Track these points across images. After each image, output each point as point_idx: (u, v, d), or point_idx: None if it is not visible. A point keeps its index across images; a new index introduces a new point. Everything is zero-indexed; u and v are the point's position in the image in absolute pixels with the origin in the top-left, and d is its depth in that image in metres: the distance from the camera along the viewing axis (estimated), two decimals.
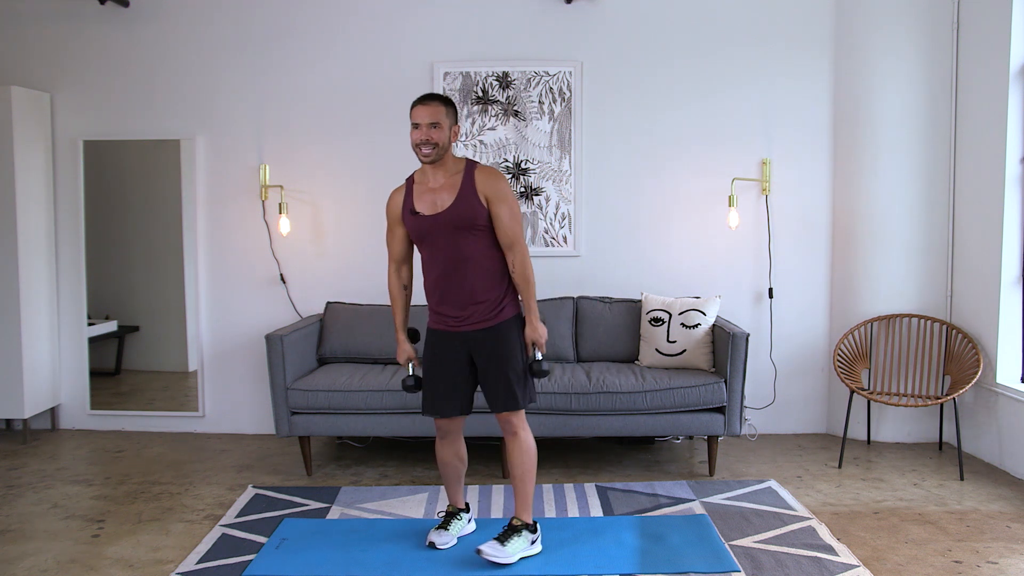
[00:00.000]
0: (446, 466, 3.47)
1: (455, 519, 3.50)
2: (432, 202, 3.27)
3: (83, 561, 3.31)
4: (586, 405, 4.24)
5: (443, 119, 3.22)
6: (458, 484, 3.53)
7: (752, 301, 5.11)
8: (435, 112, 3.21)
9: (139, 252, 5.44)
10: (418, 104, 3.26)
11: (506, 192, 3.26)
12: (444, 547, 3.38)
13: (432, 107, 3.22)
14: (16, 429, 5.15)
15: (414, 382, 3.40)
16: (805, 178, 5.08)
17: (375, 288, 5.06)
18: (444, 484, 3.57)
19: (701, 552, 3.33)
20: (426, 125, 3.20)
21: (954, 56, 4.76)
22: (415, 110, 3.25)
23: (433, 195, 3.28)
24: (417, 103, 3.27)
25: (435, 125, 3.20)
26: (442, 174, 3.29)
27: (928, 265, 4.87)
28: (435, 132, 3.20)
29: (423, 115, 3.21)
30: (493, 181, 3.26)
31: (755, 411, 5.11)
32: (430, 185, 3.30)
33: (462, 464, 3.49)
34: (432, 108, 3.22)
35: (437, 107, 3.23)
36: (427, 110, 3.21)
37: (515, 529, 3.28)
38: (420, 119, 3.21)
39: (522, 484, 3.30)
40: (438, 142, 3.22)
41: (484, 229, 3.25)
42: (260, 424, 5.13)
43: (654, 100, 5.05)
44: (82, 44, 5.12)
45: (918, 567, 3.23)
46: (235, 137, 5.11)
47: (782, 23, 5.01)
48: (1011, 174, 4.38)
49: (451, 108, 3.27)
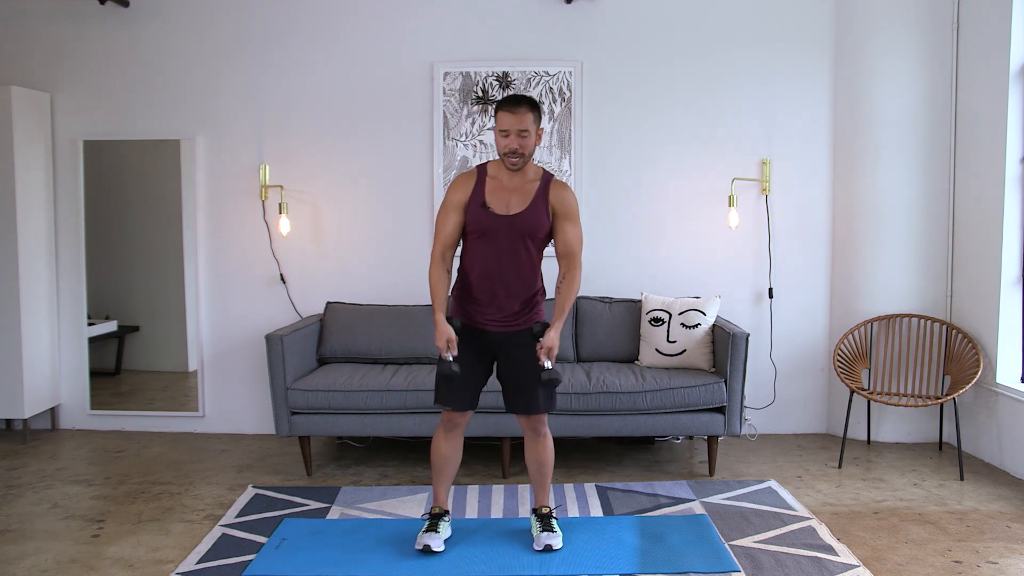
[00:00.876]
0: (445, 460, 3.43)
1: (442, 521, 3.43)
2: (505, 202, 3.24)
3: (83, 561, 3.31)
4: (586, 405, 4.24)
5: (531, 125, 3.14)
6: (449, 483, 3.50)
7: (752, 301, 5.11)
8: (524, 119, 3.12)
9: (139, 252, 5.44)
10: (505, 111, 3.13)
11: (575, 211, 3.30)
12: (439, 550, 3.33)
13: (520, 114, 3.12)
14: (16, 429, 5.15)
15: (457, 370, 3.16)
16: (805, 178, 5.08)
17: (375, 288, 5.08)
18: (436, 481, 3.47)
19: (701, 552, 3.34)
20: (515, 133, 3.11)
21: (954, 56, 4.76)
22: (503, 116, 3.14)
23: (507, 195, 3.24)
24: (504, 108, 3.14)
25: (524, 132, 3.12)
26: (519, 178, 3.26)
27: (928, 265, 4.87)
28: (524, 140, 3.13)
29: (512, 123, 3.11)
30: (566, 198, 3.28)
31: (755, 411, 5.11)
32: (505, 184, 3.26)
33: (457, 461, 3.49)
34: (521, 115, 3.12)
35: (525, 113, 3.13)
36: (516, 118, 3.11)
37: (550, 515, 3.46)
38: (509, 127, 3.11)
39: (547, 478, 3.49)
40: (526, 151, 3.16)
41: (541, 241, 3.31)
42: (260, 424, 5.13)
43: (654, 100, 5.05)
44: (82, 44, 5.12)
45: (918, 567, 3.23)
46: (235, 137, 5.11)
47: (782, 23, 5.01)
48: (1011, 174, 4.38)
49: (538, 112, 3.19)
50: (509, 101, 3.17)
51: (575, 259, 3.31)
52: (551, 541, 3.34)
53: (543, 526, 3.40)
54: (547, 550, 3.33)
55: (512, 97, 3.21)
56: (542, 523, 3.41)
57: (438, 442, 3.44)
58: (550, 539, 3.35)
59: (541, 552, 3.33)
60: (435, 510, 3.46)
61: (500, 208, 3.24)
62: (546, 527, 3.39)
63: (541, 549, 3.33)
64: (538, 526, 3.41)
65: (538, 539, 3.37)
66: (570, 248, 3.29)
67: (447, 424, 3.41)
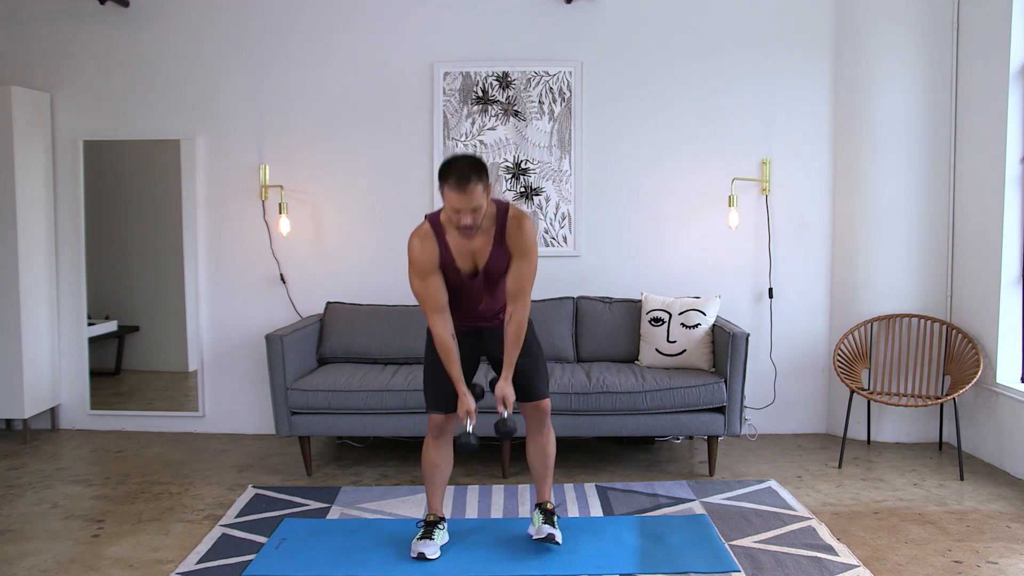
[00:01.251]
0: (436, 468, 3.42)
1: (437, 528, 3.41)
2: (471, 256, 3.21)
3: (83, 561, 3.31)
4: (586, 405, 4.24)
5: (482, 197, 3.02)
6: (442, 490, 3.48)
7: (752, 301, 5.11)
8: (474, 195, 2.99)
9: (139, 252, 5.44)
10: (453, 190, 2.98)
11: (529, 248, 3.21)
12: (434, 558, 3.30)
13: (470, 192, 2.98)
14: (16, 429, 5.15)
15: (475, 440, 3.18)
16: (805, 178, 5.08)
17: (375, 288, 5.08)
18: (428, 489, 3.45)
19: (701, 552, 3.33)
20: (467, 211, 3.02)
21: (954, 56, 4.76)
22: (451, 195, 2.99)
23: (471, 247, 3.19)
24: (451, 188, 2.98)
25: (476, 208, 3.03)
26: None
27: (928, 265, 4.87)
28: (476, 213, 3.05)
29: (463, 203, 2.99)
30: (521, 236, 3.18)
31: (755, 411, 5.11)
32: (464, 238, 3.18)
33: (449, 468, 3.47)
34: (470, 194, 2.98)
35: (474, 188, 2.99)
36: (466, 197, 2.98)
37: (553, 511, 3.45)
38: (460, 206, 3.00)
39: (550, 471, 3.51)
40: (478, 222, 3.09)
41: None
42: (260, 424, 5.13)
43: (654, 100, 5.05)
44: (82, 44, 5.12)
45: (918, 567, 3.23)
46: (235, 137, 5.11)
47: (782, 23, 5.01)
48: (1011, 174, 4.38)
49: (484, 176, 3.03)
50: (455, 177, 2.98)
51: (524, 298, 3.24)
52: (553, 531, 3.32)
53: (546, 519, 3.39)
54: (549, 539, 3.29)
55: (457, 170, 3.00)
56: (545, 516, 3.40)
57: (428, 451, 3.42)
58: (552, 530, 3.33)
59: (543, 540, 3.30)
60: (430, 517, 3.44)
61: (467, 266, 3.23)
62: (548, 521, 3.38)
63: (543, 537, 3.30)
64: (541, 518, 3.40)
65: (540, 528, 3.34)
66: (520, 286, 3.23)
67: (435, 432, 3.40)
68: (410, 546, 3.36)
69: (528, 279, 3.24)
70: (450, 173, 3.01)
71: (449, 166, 3.03)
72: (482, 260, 3.22)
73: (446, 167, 3.04)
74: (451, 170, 3.02)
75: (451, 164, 3.04)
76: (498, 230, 3.20)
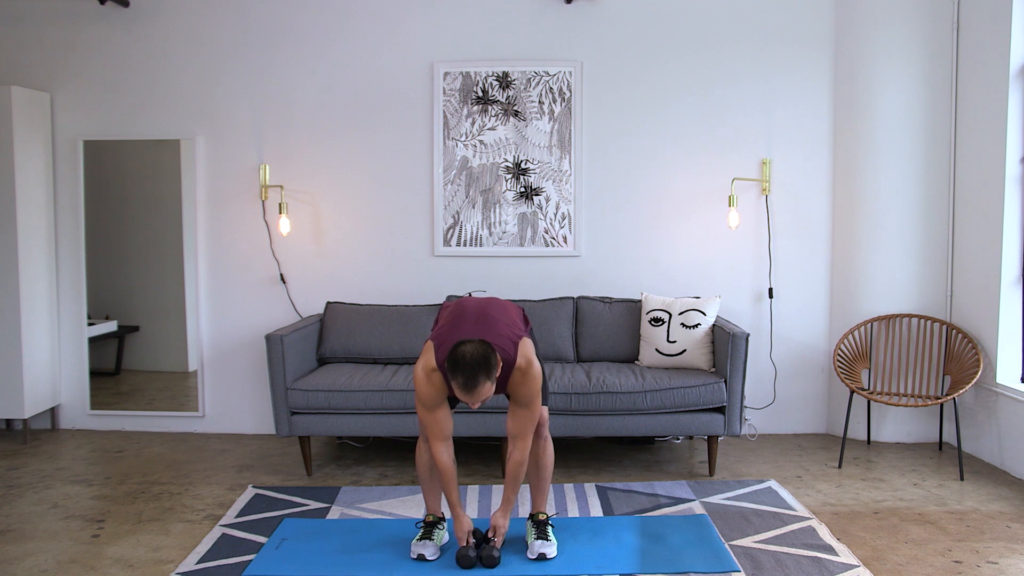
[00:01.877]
0: (430, 471, 3.40)
1: (436, 528, 3.41)
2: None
3: (83, 561, 3.31)
4: (586, 405, 4.24)
5: (490, 391, 3.01)
6: (439, 490, 3.45)
7: (752, 301, 5.11)
8: (482, 393, 2.98)
9: (139, 252, 5.44)
10: (460, 390, 2.97)
11: (533, 398, 3.18)
12: (433, 559, 3.30)
13: (477, 392, 2.97)
14: (16, 429, 5.15)
15: (474, 554, 3.21)
16: (805, 178, 5.08)
17: (375, 288, 5.08)
18: (425, 491, 3.45)
19: (701, 552, 3.33)
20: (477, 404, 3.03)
21: (954, 56, 4.76)
22: (458, 392, 2.98)
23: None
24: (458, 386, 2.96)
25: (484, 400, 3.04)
26: None
27: (928, 265, 4.87)
28: (485, 399, 3.04)
29: (469, 400, 2.99)
30: (525, 388, 3.16)
31: (755, 411, 5.11)
32: None
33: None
34: (478, 393, 2.97)
35: (482, 387, 2.97)
36: (472, 397, 2.98)
37: (547, 522, 3.41)
38: (466, 401, 3.01)
39: (546, 482, 3.46)
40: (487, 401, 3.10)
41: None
42: (260, 424, 5.13)
43: (654, 100, 5.05)
44: (82, 44, 5.12)
45: (918, 567, 3.23)
46: (235, 137, 5.11)
47: (782, 23, 5.01)
48: (1011, 174, 4.38)
49: (493, 372, 2.99)
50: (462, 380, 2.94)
51: (525, 440, 3.23)
52: (545, 550, 3.28)
53: (538, 533, 3.36)
54: (540, 559, 3.28)
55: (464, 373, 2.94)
56: (538, 530, 3.37)
57: (421, 453, 3.41)
58: (544, 547, 3.29)
59: (535, 560, 3.28)
60: (429, 518, 3.44)
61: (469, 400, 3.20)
62: (541, 535, 3.35)
63: (535, 558, 3.28)
64: (533, 533, 3.37)
65: (532, 547, 3.32)
66: (521, 429, 3.23)
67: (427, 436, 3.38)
68: (409, 547, 3.36)
69: (530, 424, 3.22)
70: (457, 373, 2.96)
71: (456, 363, 2.95)
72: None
73: (453, 362, 2.97)
74: (458, 369, 2.95)
75: (458, 361, 2.95)
76: (500, 381, 3.16)
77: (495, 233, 5.09)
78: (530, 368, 3.15)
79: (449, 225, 5.09)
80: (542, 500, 3.45)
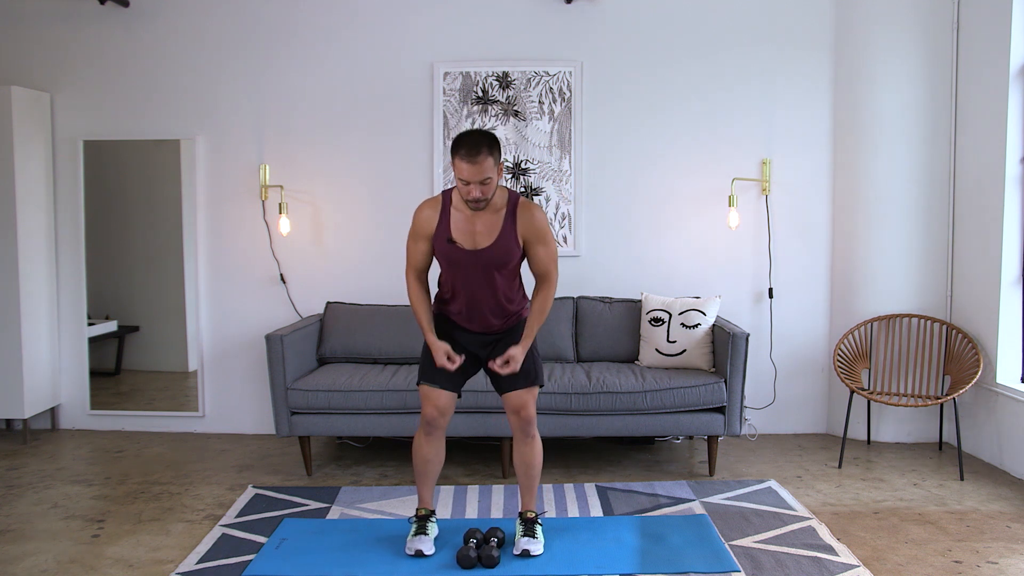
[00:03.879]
0: (428, 463, 3.41)
1: (429, 521, 3.42)
2: (471, 236, 3.21)
3: (83, 561, 3.31)
4: (586, 405, 4.24)
5: (492, 171, 3.04)
6: (432, 484, 3.48)
7: (752, 301, 5.11)
8: (484, 167, 3.01)
9: (139, 252, 5.44)
10: (464, 159, 3.01)
11: (545, 232, 3.26)
12: (431, 553, 3.31)
13: (480, 162, 3.00)
14: (16, 429, 5.15)
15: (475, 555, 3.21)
16: (805, 178, 5.08)
17: (375, 288, 5.08)
18: (419, 484, 3.45)
19: (701, 552, 3.33)
20: (476, 183, 3.04)
21: (954, 56, 4.76)
22: (460, 165, 3.02)
23: (472, 228, 3.20)
24: (462, 157, 3.01)
25: (486, 180, 3.05)
26: (485, 211, 3.21)
27: (928, 265, 4.87)
28: (486, 187, 3.07)
29: (473, 173, 3.01)
30: (534, 222, 3.23)
31: (755, 411, 5.11)
32: (470, 217, 3.20)
33: (440, 462, 3.47)
34: (481, 164, 3.00)
35: (485, 159, 3.01)
36: (476, 168, 3.00)
37: (535, 521, 3.41)
38: (470, 177, 3.02)
39: (535, 481, 3.44)
40: (488, 195, 3.11)
41: (514, 268, 3.31)
42: (260, 424, 5.13)
43: (654, 100, 5.05)
44: (82, 44, 5.12)
45: (918, 567, 3.23)
46: (235, 137, 5.11)
47: (782, 23, 5.01)
48: (1011, 174, 4.38)
49: (496, 150, 3.06)
50: (466, 147, 3.01)
51: (550, 277, 3.32)
52: (530, 547, 3.29)
53: (525, 531, 3.36)
54: (524, 555, 3.28)
55: (468, 141, 3.03)
56: (525, 527, 3.38)
57: (419, 445, 3.41)
58: (529, 544, 3.30)
59: (519, 557, 3.28)
60: (421, 512, 3.44)
61: (467, 243, 3.21)
62: (528, 532, 3.35)
63: (519, 554, 3.29)
64: (520, 530, 3.38)
65: (517, 543, 3.33)
66: (544, 268, 3.31)
67: (427, 427, 3.38)
68: (405, 543, 3.37)
69: (552, 260, 3.31)
70: (462, 144, 3.05)
71: (461, 137, 3.07)
72: (485, 241, 3.21)
73: (458, 139, 3.09)
74: (463, 141, 3.06)
75: (463, 135, 3.08)
76: (508, 214, 3.21)
77: None
78: (535, 206, 3.27)
79: None
80: (531, 499, 3.45)
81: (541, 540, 3.36)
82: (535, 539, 3.33)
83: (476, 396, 4.15)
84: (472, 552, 3.22)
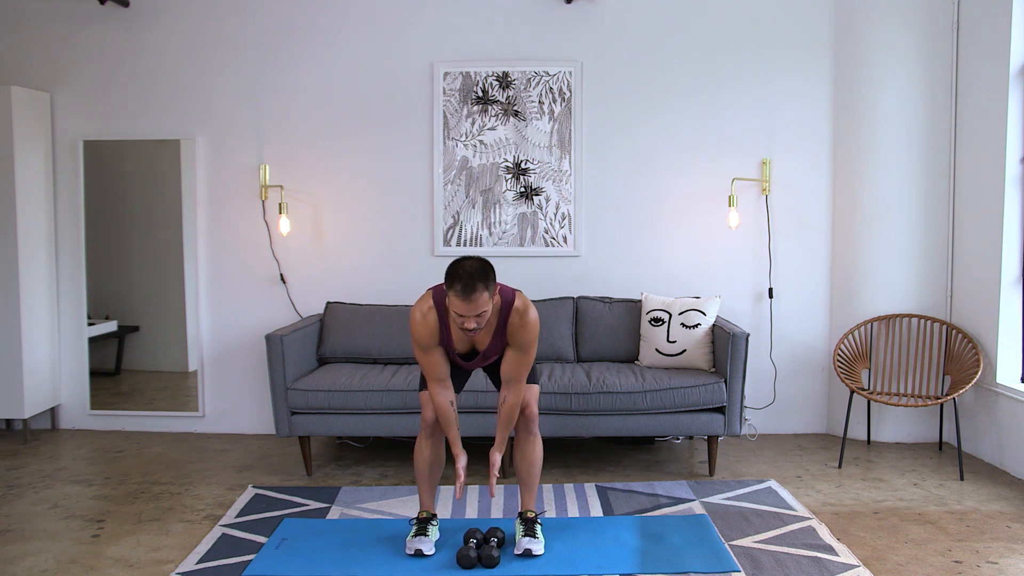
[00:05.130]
0: (429, 466, 3.44)
1: (430, 524, 3.42)
2: (469, 343, 3.28)
3: (83, 561, 3.31)
4: (586, 405, 4.24)
5: (487, 304, 3.01)
6: (434, 487, 3.50)
7: (752, 301, 5.11)
8: (479, 304, 2.99)
9: (139, 252, 5.44)
10: (458, 297, 2.98)
11: (530, 344, 3.25)
12: (430, 554, 3.32)
13: (475, 300, 2.97)
14: (16, 429, 5.15)
15: (475, 555, 3.22)
16: (805, 178, 5.08)
17: (375, 288, 5.08)
18: (421, 487, 3.47)
19: (701, 552, 3.33)
20: (471, 317, 3.03)
21: (954, 56, 4.76)
22: (455, 301, 2.99)
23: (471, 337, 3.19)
24: (456, 292, 2.97)
25: (482, 314, 3.03)
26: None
27: (928, 265, 4.87)
28: (480, 319, 3.05)
29: (467, 310, 2.99)
30: (523, 332, 3.22)
31: (755, 411, 5.11)
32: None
33: (441, 466, 3.50)
34: (475, 302, 2.98)
35: (480, 296, 2.98)
36: (471, 305, 2.98)
37: (535, 520, 3.41)
38: (465, 312, 3.00)
39: (535, 479, 3.47)
40: (483, 325, 3.10)
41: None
42: (260, 424, 5.13)
43: (654, 100, 5.05)
44: (82, 44, 5.12)
45: (918, 567, 3.23)
46: (235, 137, 5.11)
47: (782, 23, 5.01)
48: (1011, 174, 4.38)
49: (491, 281, 3.03)
50: (461, 285, 2.97)
51: (519, 385, 3.31)
52: (532, 546, 3.29)
53: (526, 530, 3.37)
54: (526, 555, 3.29)
55: (463, 278, 2.98)
56: (525, 527, 3.38)
57: (420, 449, 3.44)
58: (531, 544, 3.30)
59: (521, 556, 3.29)
60: (422, 514, 3.45)
61: (464, 349, 3.31)
62: (529, 532, 3.36)
63: (520, 553, 3.29)
64: (521, 530, 3.39)
65: (519, 543, 3.33)
66: (516, 374, 3.30)
67: (428, 431, 3.41)
68: (405, 544, 3.37)
69: (524, 368, 3.30)
70: (456, 280, 3.00)
71: (456, 271, 3.01)
72: (481, 346, 3.30)
73: (452, 273, 3.03)
74: (458, 276, 3.00)
75: (457, 270, 3.01)
76: (500, 323, 3.22)
77: (495, 233, 5.09)
78: (527, 312, 3.22)
79: (449, 225, 5.09)
80: (531, 499, 3.46)
81: (542, 540, 3.36)
82: (536, 539, 3.34)
83: (476, 396, 4.15)
84: (472, 552, 3.23)
